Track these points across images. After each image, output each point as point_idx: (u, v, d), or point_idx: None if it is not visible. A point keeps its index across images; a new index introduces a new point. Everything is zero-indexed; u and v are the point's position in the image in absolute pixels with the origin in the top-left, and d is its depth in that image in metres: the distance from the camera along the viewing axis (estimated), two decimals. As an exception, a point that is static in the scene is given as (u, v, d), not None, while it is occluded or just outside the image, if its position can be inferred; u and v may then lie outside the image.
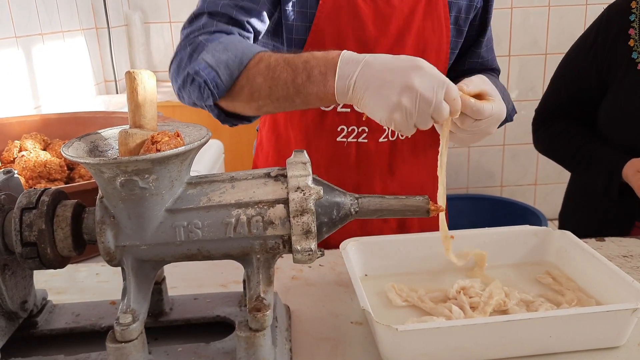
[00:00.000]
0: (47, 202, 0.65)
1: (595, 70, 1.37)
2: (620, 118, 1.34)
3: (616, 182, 1.29)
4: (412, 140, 1.13)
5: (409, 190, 1.10)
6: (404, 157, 1.15)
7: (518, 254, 0.97)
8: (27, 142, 1.32)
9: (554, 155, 1.50)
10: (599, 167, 1.33)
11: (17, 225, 0.64)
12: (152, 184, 0.62)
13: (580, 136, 1.41)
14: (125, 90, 2.51)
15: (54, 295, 0.91)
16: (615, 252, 1.05)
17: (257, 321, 0.64)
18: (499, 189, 3.34)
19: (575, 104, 1.44)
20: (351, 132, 1.11)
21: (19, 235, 0.64)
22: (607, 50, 1.34)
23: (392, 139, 1.12)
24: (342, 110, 1.09)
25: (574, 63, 1.44)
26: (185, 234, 0.65)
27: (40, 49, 2.13)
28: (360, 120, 1.09)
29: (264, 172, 0.69)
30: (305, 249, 0.64)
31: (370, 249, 0.93)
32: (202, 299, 0.81)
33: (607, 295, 0.83)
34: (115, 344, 0.63)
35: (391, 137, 1.12)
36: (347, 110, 1.09)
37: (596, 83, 1.38)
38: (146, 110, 0.66)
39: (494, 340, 0.73)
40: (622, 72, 1.32)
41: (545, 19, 3.09)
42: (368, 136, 1.11)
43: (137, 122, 0.66)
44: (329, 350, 0.76)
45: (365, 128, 1.10)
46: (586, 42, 1.40)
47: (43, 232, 0.64)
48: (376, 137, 1.11)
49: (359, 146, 1.12)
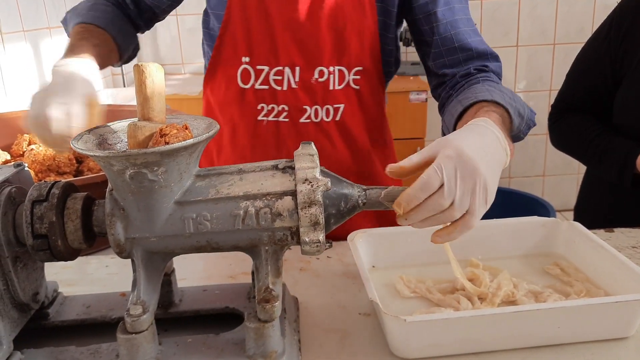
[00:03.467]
0: (58, 194, 0.65)
1: (610, 61, 1.36)
2: (634, 108, 1.33)
3: (629, 171, 1.29)
4: (339, 122, 1.11)
5: (342, 175, 0.96)
6: (332, 140, 1.12)
7: (526, 245, 0.97)
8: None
9: (569, 149, 1.49)
10: (613, 157, 1.33)
11: (28, 217, 0.64)
12: (161, 177, 0.62)
13: (594, 128, 1.40)
14: (133, 83, 2.52)
15: (64, 287, 0.91)
16: (624, 242, 1.04)
17: (266, 312, 0.64)
18: (507, 180, 3.33)
19: (590, 97, 1.43)
20: (271, 110, 1.09)
21: (30, 227, 0.64)
22: (620, 41, 1.34)
23: (315, 120, 1.10)
24: (260, 87, 1.08)
25: (589, 56, 1.43)
26: (194, 226, 0.65)
27: (48, 43, 2.13)
28: (278, 98, 1.08)
29: (272, 164, 0.69)
30: (313, 241, 0.65)
31: (378, 240, 0.93)
32: (211, 290, 0.82)
33: (616, 286, 0.83)
34: (126, 335, 0.63)
35: (315, 118, 1.10)
36: (265, 87, 1.08)
37: (610, 75, 1.37)
38: (154, 103, 0.66)
39: (502, 331, 0.73)
40: (635, 62, 1.32)
41: (554, 8, 3.06)
42: (288, 115, 1.09)
43: (146, 114, 0.66)
44: (337, 342, 0.77)
45: (285, 107, 1.09)
46: (600, 34, 1.40)
47: (54, 224, 0.64)
48: (297, 117, 1.09)
49: (280, 126, 1.10)
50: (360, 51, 1.07)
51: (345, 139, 1.13)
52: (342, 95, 1.09)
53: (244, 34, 1.06)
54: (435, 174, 0.66)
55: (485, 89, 0.93)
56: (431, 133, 2.90)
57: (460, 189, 0.67)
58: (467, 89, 0.98)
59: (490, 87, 0.93)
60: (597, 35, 1.41)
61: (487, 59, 1.05)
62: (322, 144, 1.11)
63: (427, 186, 0.66)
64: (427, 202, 0.67)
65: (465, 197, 0.67)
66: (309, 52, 1.06)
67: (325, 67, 1.07)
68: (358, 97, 1.11)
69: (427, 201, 0.67)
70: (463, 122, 0.86)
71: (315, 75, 1.07)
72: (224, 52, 1.09)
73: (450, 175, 0.66)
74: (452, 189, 0.66)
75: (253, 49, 1.07)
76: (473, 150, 0.68)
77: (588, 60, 1.43)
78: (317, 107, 1.09)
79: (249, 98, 1.09)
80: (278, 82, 1.08)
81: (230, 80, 1.10)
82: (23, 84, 1.94)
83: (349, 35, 1.05)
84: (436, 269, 0.92)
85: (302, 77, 1.07)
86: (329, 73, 1.07)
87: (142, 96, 0.65)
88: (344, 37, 1.05)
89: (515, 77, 3.18)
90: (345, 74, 1.08)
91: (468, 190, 0.67)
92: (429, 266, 0.93)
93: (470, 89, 0.97)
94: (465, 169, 0.67)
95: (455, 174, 0.67)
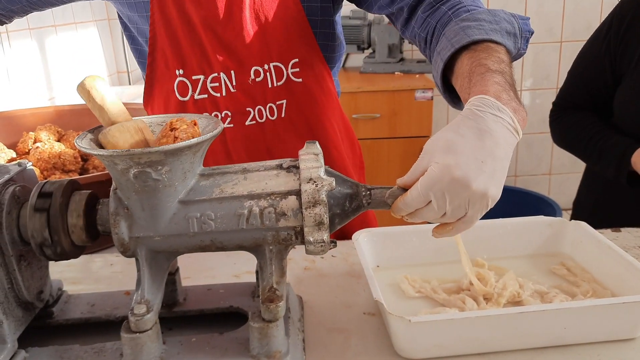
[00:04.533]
0: (61, 193, 0.65)
1: (609, 59, 1.37)
2: (633, 106, 1.33)
3: (625, 169, 1.30)
4: (286, 119, 1.08)
5: None
6: (282, 138, 1.09)
7: (532, 244, 0.97)
8: (41, 133, 1.33)
9: (569, 146, 1.50)
10: (610, 154, 1.34)
11: (31, 216, 0.64)
12: (165, 176, 0.62)
13: (593, 126, 1.41)
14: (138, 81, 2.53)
15: (69, 285, 0.92)
16: (631, 242, 1.03)
17: (270, 312, 0.64)
18: (513, 179, 3.32)
19: (591, 95, 1.44)
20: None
21: (33, 226, 0.64)
22: (620, 39, 1.35)
23: (260, 121, 1.08)
24: (199, 97, 1.06)
25: (589, 53, 1.44)
26: (199, 225, 0.65)
27: (54, 41, 2.14)
28: (220, 105, 1.06)
29: (276, 163, 0.68)
30: (318, 240, 0.64)
31: (383, 239, 0.93)
32: (215, 289, 0.81)
33: (623, 286, 0.82)
34: (130, 334, 0.63)
35: (259, 119, 1.07)
36: (205, 96, 1.06)
37: (610, 72, 1.38)
38: (109, 107, 0.65)
39: (507, 332, 0.72)
40: (635, 60, 1.32)
41: (561, 5, 3.04)
42: (233, 120, 1.07)
43: (108, 121, 0.66)
44: (342, 341, 0.76)
45: (227, 112, 1.07)
46: (601, 32, 1.40)
47: (57, 222, 0.64)
48: (242, 121, 1.07)
49: (225, 132, 1.08)
50: (291, 42, 1.04)
51: (294, 134, 1.10)
52: (283, 91, 1.07)
53: (173, 47, 1.04)
54: (419, 197, 0.64)
55: (459, 28, 0.81)
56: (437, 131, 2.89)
57: (451, 205, 0.64)
58: (441, 36, 0.85)
59: (464, 24, 0.81)
60: (598, 34, 1.42)
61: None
62: (272, 143, 1.09)
63: (414, 202, 0.65)
64: (419, 212, 0.66)
65: (458, 209, 0.65)
66: (238, 53, 1.03)
67: (259, 65, 1.04)
68: (302, 89, 1.08)
69: (419, 211, 0.66)
70: (459, 85, 0.77)
71: (252, 76, 1.05)
72: (157, 69, 1.07)
73: (437, 196, 0.63)
74: (442, 206, 0.64)
75: (185, 61, 1.04)
76: (465, 164, 0.62)
77: (588, 58, 1.44)
78: (259, 107, 1.07)
79: (190, 109, 1.07)
80: (216, 89, 1.05)
81: (169, 95, 1.07)
82: (29, 82, 1.95)
83: (274, 28, 1.03)
84: (441, 269, 0.92)
85: (238, 80, 1.05)
86: (264, 71, 1.05)
87: (97, 107, 0.65)
88: (269, 32, 1.03)
89: (522, 75, 3.17)
90: (282, 69, 1.05)
91: (461, 204, 0.64)
92: (434, 266, 0.93)
93: (444, 35, 0.84)
94: (454, 190, 0.63)
95: (442, 195, 0.63)
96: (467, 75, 0.74)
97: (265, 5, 1.02)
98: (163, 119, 0.71)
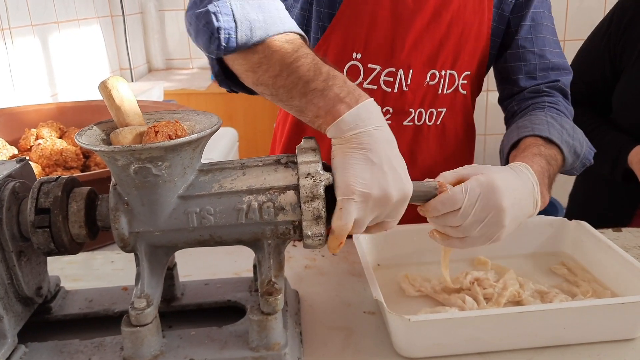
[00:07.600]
0: (61, 189, 0.65)
1: (609, 55, 1.37)
2: (632, 103, 1.33)
3: (620, 166, 1.30)
4: (440, 126, 1.08)
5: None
6: (429, 144, 1.09)
7: (533, 244, 0.96)
8: (43, 130, 1.33)
9: None
10: (606, 151, 1.33)
11: (31, 212, 0.64)
12: (164, 171, 0.62)
13: (591, 122, 1.41)
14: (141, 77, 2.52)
15: (69, 282, 0.92)
16: (631, 242, 1.03)
17: (269, 305, 0.64)
18: (515, 179, 3.31)
19: (590, 91, 1.44)
20: None
21: (33, 221, 0.64)
22: (620, 36, 1.35)
23: (418, 124, 1.07)
24: (368, 86, 1.02)
25: (589, 50, 1.44)
26: (198, 220, 0.65)
27: (56, 37, 2.14)
28: (385, 100, 1.03)
29: (274, 158, 0.69)
30: (316, 234, 0.65)
31: (384, 238, 0.93)
32: (213, 284, 0.82)
33: (623, 286, 0.82)
34: (131, 327, 0.64)
35: (417, 122, 1.06)
36: (374, 87, 1.02)
37: (610, 69, 1.38)
38: (126, 109, 0.67)
39: (507, 331, 0.72)
40: (634, 57, 1.32)
41: (565, 4, 3.03)
42: (391, 118, 1.05)
43: (123, 122, 0.67)
44: (341, 340, 0.76)
45: (390, 109, 1.04)
46: (601, 29, 1.41)
47: (57, 218, 0.64)
48: (400, 120, 1.05)
49: None
50: (472, 56, 1.05)
51: (440, 142, 1.10)
52: (447, 99, 1.07)
53: (358, 27, 0.99)
54: (460, 194, 0.72)
55: (545, 121, 0.94)
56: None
57: (473, 217, 0.72)
58: (529, 114, 1.00)
59: (551, 120, 0.94)
60: (598, 31, 1.42)
61: (560, 72, 1.08)
62: (416, 147, 1.09)
63: (450, 202, 0.72)
64: (443, 217, 0.73)
65: (473, 225, 0.73)
66: (428, 55, 1.02)
67: (438, 70, 1.03)
68: (462, 101, 1.09)
69: (443, 216, 0.73)
70: (513, 154, 0.91)
71: (427, 79, 1.03)
72: (332, 44, 1.01)
73: (471, 201, 0.72)
74: (467, 212, 0.72)
75: (368, 46, 1.00)
76: (504, 186, 0.73)
77: (588, 54, 1.44)
78: (421, 110, 1.06)
79: None
80: (388, 83, 1.02)
81: None
82: (31, 79, 1.95)
83: (466, 39, 1.03)
84: (442, 268, 0.92)
85: (414, 80, 1.02)
86: (440, 77, 1.04)
87: (114, 107, 0.67)
88: (461, 42, 1.03)
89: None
90: (455, 78, 1.05)
91: (479, 220, 0.73)
92: (434, 265, 0.93)
93: (532, 116, 0.98)
94: (488, 199, 0.72)
95: (476, 200, 0.72)
96: (524, 148, 0.90)
97: (466, 15, 1.02)
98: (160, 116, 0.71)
